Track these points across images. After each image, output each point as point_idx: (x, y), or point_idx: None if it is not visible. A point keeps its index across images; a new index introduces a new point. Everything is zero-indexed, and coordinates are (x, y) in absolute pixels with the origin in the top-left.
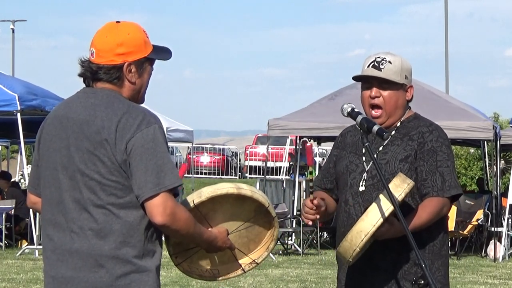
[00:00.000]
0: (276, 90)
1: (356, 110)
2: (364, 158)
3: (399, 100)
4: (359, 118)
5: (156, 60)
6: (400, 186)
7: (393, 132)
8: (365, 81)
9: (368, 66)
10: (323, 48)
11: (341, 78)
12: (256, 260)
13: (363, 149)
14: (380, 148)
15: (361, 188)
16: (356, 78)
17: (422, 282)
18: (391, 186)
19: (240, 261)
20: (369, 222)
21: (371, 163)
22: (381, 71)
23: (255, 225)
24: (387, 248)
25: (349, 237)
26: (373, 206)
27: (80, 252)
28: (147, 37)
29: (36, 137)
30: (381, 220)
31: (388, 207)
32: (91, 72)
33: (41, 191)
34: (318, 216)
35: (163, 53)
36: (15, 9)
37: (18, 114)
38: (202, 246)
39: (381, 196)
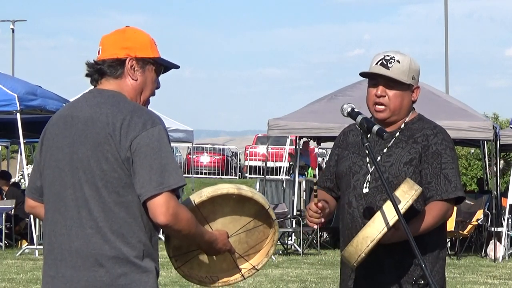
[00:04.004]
0: (276, 90)
1: (356, 110)
2: (367, 160)
3: (405, 101)
4: (359, 118)
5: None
6: (408, 193)
7: (397, 134)
8: (372, 78)
9: (376, 63)
10: (322, 48)
11: (340, 78)
12: (256, 266)
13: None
14: (385, 150)
15: (365, 190)
16: (363, 74)
17: (422, 282)
18: (399, 192)
19: (239, 267)
20: (376, 228)
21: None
22: (388, 69)
23: (255, 229)
24: (392, 251)
25: (355, 242)
26: (380, 213)
27: (80, 251)
28: (155, 45)
29: (39, 139)
30: (388, 226)
31: (394, 214)
32: (96, 69)
33: (42, 190)
34: (323, 220)
35: (169, 63)
36: (15, 9)
37: (18, 114)
38: (203, 248)
39: (387, 203)
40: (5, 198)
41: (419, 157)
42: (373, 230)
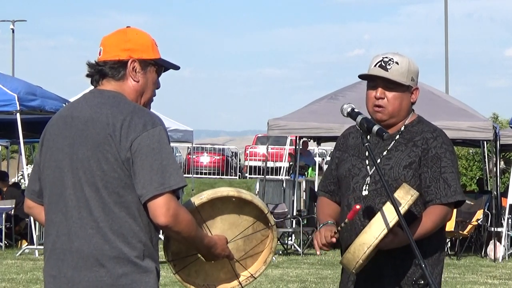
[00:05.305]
0: (276, 90)
1: (356, 110)
2: (367, 162)
3: (404, 102)
4: (359, 118)
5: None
6: (404, 198)
7: (397, 137)
8: (371, 80)
9: (375, 65)
10: (322, 48)
11: (340, 78)
12: (253, 275)
13: (366, 152)
14: (384, 153)
15: (364, 193)
16: (362, 77)
17: (422, 282)
18: (394, 197)
19: (237, 275)
20: (372, 234)
21: (374, 167)
22: (387, 71)
23: (253, 236)
24: (391, 255)
25: (352, 249)
26: (376, 218)
27: (81, 251)
28: (156, 46)
29: (39, 139)
30: (384, 232)
31: (391, 219)
32: (97, 70)
33: (42, 190)
34: (329, 249)
35: (170, 64)
36: (15, 9)
37: (18, 114)
38: (201, 252)
39: (385, 208)
40: (4, 198)
41: (419, 160)
42: (370, 237)
